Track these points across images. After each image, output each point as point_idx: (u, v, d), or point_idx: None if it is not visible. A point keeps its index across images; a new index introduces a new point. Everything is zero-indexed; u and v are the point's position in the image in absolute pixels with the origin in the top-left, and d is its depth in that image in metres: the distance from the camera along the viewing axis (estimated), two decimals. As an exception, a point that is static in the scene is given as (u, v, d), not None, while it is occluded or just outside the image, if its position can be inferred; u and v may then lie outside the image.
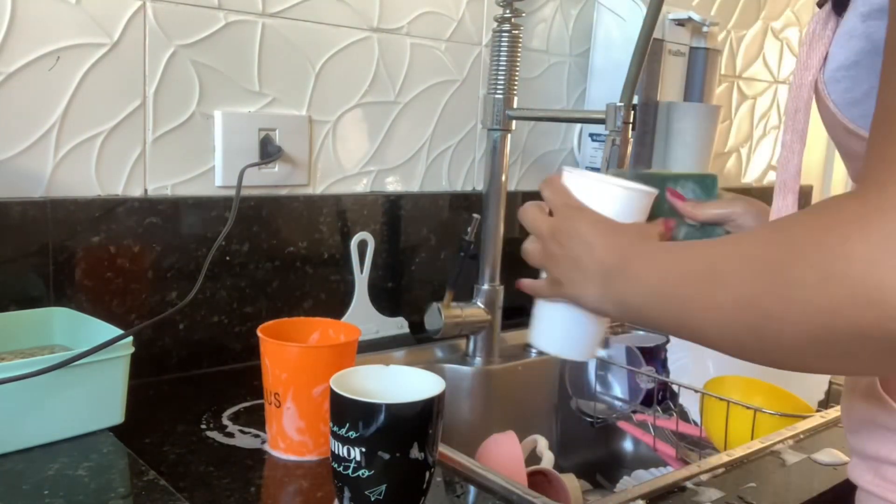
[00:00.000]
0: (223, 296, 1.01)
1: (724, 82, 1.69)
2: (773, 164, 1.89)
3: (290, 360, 0.75)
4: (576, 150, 1.41)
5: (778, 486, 0.78)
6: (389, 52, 1.13)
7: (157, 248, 0.95)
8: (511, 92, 1.10)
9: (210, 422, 0.84)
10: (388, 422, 0.61)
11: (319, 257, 1.09)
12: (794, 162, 0.57)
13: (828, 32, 0.53)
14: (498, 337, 1.16)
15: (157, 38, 0.93)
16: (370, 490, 0.62)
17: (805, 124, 0.56)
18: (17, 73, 0.85)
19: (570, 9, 1.35)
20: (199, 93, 0.97)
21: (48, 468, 0.68)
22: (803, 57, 0.54)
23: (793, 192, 0.58)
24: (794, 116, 0.56)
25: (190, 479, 0.71)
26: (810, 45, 0.54)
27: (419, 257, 1.19)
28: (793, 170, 0.58)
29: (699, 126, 1.32)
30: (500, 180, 1.12)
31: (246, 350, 1.02)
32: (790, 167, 0.58)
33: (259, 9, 1.00)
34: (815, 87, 0.53)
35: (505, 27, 1.08)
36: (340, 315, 1.10)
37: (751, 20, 1.73)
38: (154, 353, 0.96)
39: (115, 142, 0.92)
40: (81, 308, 0.88)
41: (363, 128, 1.13)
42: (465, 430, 1.11)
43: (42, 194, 0.88)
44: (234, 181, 0.97)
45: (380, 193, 1.15)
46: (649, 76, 1.29)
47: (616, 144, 0.92)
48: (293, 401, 0.75)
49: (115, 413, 0.77)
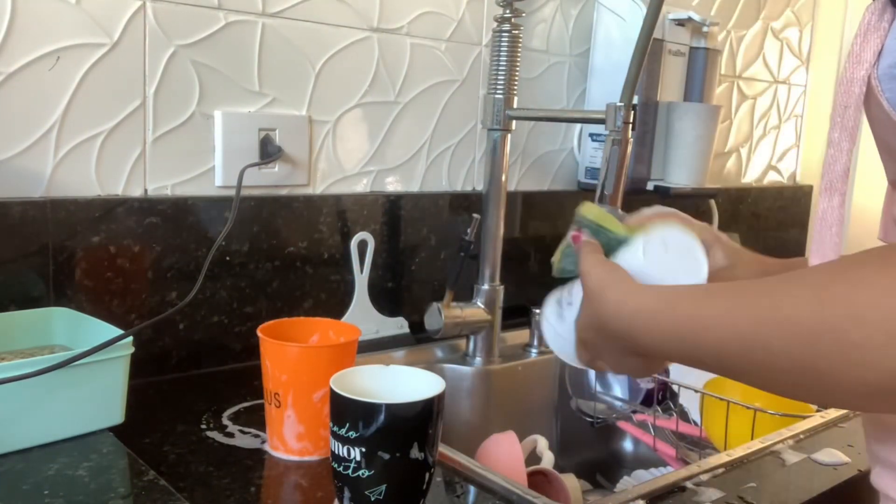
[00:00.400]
0: (223, 296, 1.01)
1: (724, 82, 1.69)
2: (773, 164, 1.89)
3: (290, 361, 0.75)
4: (576, 150, 1.41)
5: (778, 486, 0.78)
6: (389, 52, 1.13)
7: (157, 248, 0.95)
8: (511, 92, 1.10)
9: (210, 422, 0.84)
10: (389, 422, 0.61)
11: (319, 257, 1.09)
12: (841, 161, 0.54)
13: (884, 24, 0.50)
14: (498, 337, 1.16)
15: (157, 38, 0.93)
16: (370, 490, 0.62)
17: (856, 121, 0.53)
18: (17, 73, 0.85)
19: (570, 9, 1.35)
20: (199, 93, 0.97)
21: (48, 468, 0.68)
22: (856, 50, 0.51)
23: (840, 193, 0.55)
24: (844, 113, 0.53)
25: (190, 479, 0.71)
26: (864, 37, 0.51)
27: (419, 257, 1.19)
28: (840, 169, 0.54)
29: (699, 126, 1.32)
30: (500, 180, 1.12)
31: (246, 350, 1.02)
32: (837, 166, 0.55)
33: (259, 9, 1.00)
34: (867, 82, 0.51)
35: (505, 27, 1.08)
36: (340, 315, 1.10)
37: (751, 20, 1.73)
38: (154, 353, 0.96)
39: (115, 142, 0.92)
40: (81, 308, 0.88)
41: (363, 128, 1.13)
42: (465, 430, 1.11)
43: (42, 194, 0.88)
44: (234, 181, 0.97)
45: (380, 193, 1.15)
46: (649, 76, 1.29)
47: (616, 144, 0.92)
48: (293, 402, 0.75)
49: (115, 413, 0.77)
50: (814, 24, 1.91)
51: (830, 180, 0.55)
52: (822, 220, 0.56)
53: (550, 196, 1.38)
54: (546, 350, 1.21)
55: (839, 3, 2.00)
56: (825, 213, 0.56)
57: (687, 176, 1.34)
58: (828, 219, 0.55)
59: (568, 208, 1.39)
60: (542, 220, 1.37)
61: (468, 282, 1.14)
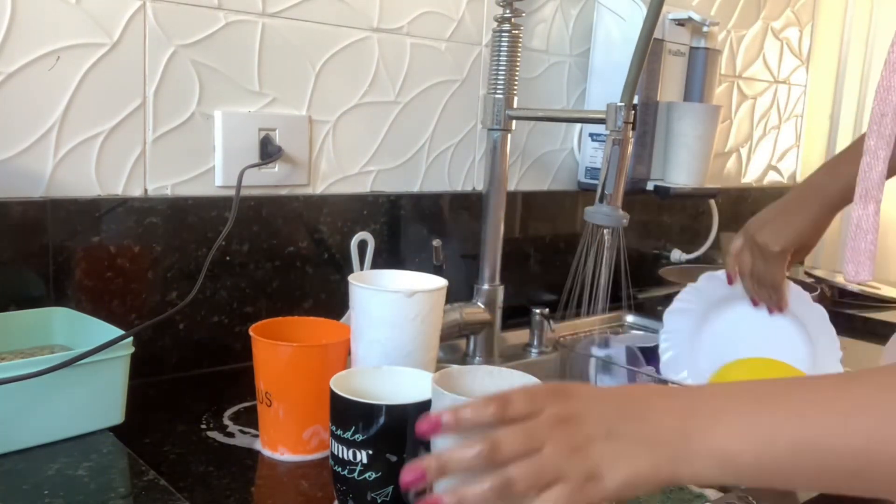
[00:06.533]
0: (223, 296, 1.01)
1: (724, 82, 1.69)
2: (774, 164, 1.89)
3: (281, 360, 0.75)
4: (576, 150, 1.41)
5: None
6: (389, 52, 1.13)
7: (157, 248, 0.95)
8: (511, 92, 1.10)
9: (210, 422, 0.84)
10: (397, 423, 0.61)
11: (319, 257, 1.09)
12: (877, 169, 0.54)
13: None
14: (498, 337, 1.16)
15: (157, 38, 0.93)
16: (377, 492, 0.62)
17: (893, 129, 0.52)
18: (17, 73, 0.85)
19: (570, 9, 1.35)
20: (199, 93, 0.97)
21: (48, 468, 0.68)
22: (892, 58, 0.51)
23: (875, 201, 0.54)
24: (881, 121, 0.53)
25: (190, 479, 0.71)
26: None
27: (419, 257, 1.19)
28: (876, 177, 0.54)
29: (699, 126, 1.32)
30: (500, 180, 1.12)
31: (246, 350, 1.01)
32: (873, 174, 0.54)
33: (259, 9, 1.00)
34: None
35: (505, 27, 1.08)
36: (340, 315, 1.09)
37: (751, 20, 1.73)
38: (154, 353, 0.96)
39: (115, 142, 0.92)
40: (81, 308, 0.88)
41: (363, 128, 1.13)
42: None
43: (42, 194, 0.88)
44: (234, 181, 0.97)
45: (380, 193, 1.15)
46: (649, 76, 1.29)
47: (616, 144, 0.92)
48: (284, 401, 0.75)
49: (115, 413, 0.77)
50: (814, 24, 1.91)
51: (866, 188, 0.55)
52: (858, 228, 0.55)
53: (550, 196, 1.38)
54: (546, 350, 1.21)
55: (839, 3, 2.00)
56: (860, 221, 0.55)
57: (687, 176, 1.34)
58: (863, 226, 0.54)
59: (568, 208, 1.40)
60: (542, 220, 1.37)
61: (468, 282, 1.14)
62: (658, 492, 0.61)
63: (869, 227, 0.54)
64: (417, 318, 0.75)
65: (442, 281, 0.80)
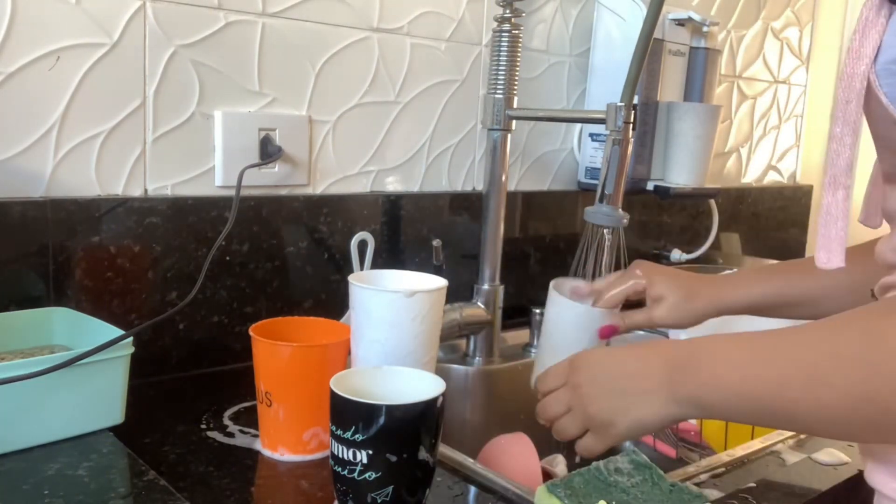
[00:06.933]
0: (223, 296, 1.01)
1: (724, 82, 1.69)
2: (773, 164, 1.89)
3: (280, 360, 0.75)
4: (576, 150, 1.41)
5: (778, 486, 0.78)
6: (389, 52, 1.13)
7: (157, 248, 0.95)
8: (511, 92, 1.10)
9: (210, 422, 0.84)
10: (397, 423, 0.61)
11: (319, 257, 1.09)
12: (844, 155, 0.55)
13: (881, 20, 0.51)
14: (498, 337, 1.16)
15: (157, 38, 0.93)
16: (377, 492, 0.62)
17: (858, 115, 0.53)
18: (17, 73, 0.85)
19: (570, 9, 1.35)
20: (199, 93, 0.97)
21: (48, 468, 0.68)
22: (856, 45, 0.52)
23: (844, 188, 0.55)
24: (846, 108, 0.53)
25: (190, 479, 0.71)
26: (863, 32, 0.51)
27: (419, 257, 1.19)
28: (843, 164, 0.55)
29: (699, 126, 1.32)
30: (501, 180, 1.12)
31: (246, 350, 1.01)
32: (840, 161, 0.55)
33: (259, 9, 1.00)
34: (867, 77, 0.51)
35: (505, 27, 1.08)
36: (340, 315, 1.09)
37: (751, 20, 1.73)
38: (154, 353, 0.96)
39: (115, 142, 0.92)
40: (81, 308, 0.88)
41: (363, 128, 1.13)
42: (465, 431, 1.11)
43: (42, 194, 0.88)
44: (234, 181, 0.97)
45: (380, 193, 1.15)
46: (649, 76, 1.29)
47: (616, 144, 0.92)
48: (284, 401, 0.75)
49: (115, 413, 0.77)
50: (814, 24, 1.91)
51: (834, 175, 0.56)
52: (827, 215, 0.56)
53: (550, 196, 1.38)
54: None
55: (839, 3, 2.00)
56: (829, 208, 0.56)
57: (687, 176, 1.34)
58: (832, 213, 0.55)
59: (568, 208, 1.40)
60: (542, 220, 1.37)
61: (468, 282, 1.14)
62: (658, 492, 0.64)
63: (839, 214, 0.55)
64: (417, 318, 0.75)
65: (442, 281, 0.80)
